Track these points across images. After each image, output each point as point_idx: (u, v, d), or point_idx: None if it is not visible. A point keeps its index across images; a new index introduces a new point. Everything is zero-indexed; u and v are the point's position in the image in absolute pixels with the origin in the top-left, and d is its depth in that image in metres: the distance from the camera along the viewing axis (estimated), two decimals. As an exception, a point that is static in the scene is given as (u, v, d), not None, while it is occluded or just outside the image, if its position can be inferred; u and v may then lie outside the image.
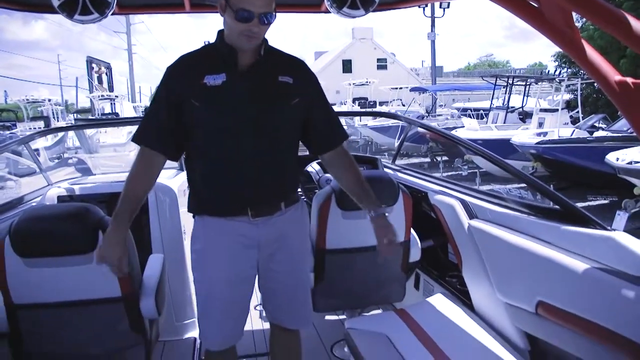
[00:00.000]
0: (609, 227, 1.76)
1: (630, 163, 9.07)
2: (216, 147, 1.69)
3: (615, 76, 1.29)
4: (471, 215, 2.34)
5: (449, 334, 2.02)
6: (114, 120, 12.57)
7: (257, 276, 1.87)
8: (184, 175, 3.48)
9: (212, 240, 1.77)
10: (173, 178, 3.21)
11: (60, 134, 15.06)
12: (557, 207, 1.95)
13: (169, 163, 3.95)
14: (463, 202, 2.43)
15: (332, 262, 2.13)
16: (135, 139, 1.75)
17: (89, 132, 13.56)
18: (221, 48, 1.70)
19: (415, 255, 2.55)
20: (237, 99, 1.66)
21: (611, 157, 9.58)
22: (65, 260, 1.91)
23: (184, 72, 1.71)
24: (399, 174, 3.16)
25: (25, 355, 2.00)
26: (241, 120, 1.67)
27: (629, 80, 1.28)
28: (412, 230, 2.53)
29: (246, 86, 1.67)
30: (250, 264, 1.81)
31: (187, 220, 3.20)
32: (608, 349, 1.56)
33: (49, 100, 22.75)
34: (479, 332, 2.03)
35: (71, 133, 14.70)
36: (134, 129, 1.82)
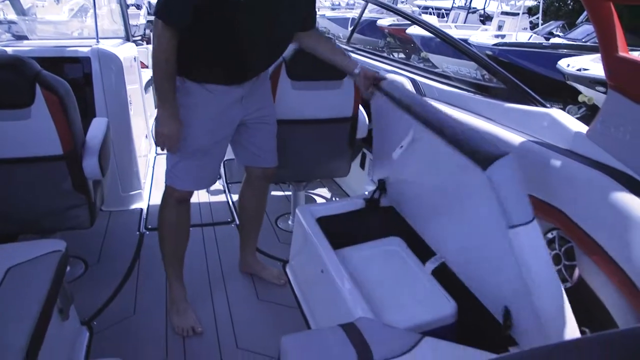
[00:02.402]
0: (548, 105, 1.83)
1: (579, 70, 9.31)
2: (237, 35, 1.73)
3: None
4: (420, 93, 2.37)
5: None
6: None
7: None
8: (130, 46, 3.31)
9: (204, 97, 1.83)
10: (118, 47, 3.03)
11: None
12: (502, 85, 1.99)
13: (114, 33, 3.70)
14: (413, 81, 2.44)
15: (280, 132, 2.13)
16: (164, 18, 1.62)
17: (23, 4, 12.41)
18: None
19: (362, 132, 2.58)
20: (272, 5, 1.72)
21: (562, 63, 9.81)
22: (3, 114, 1.82)
23: None
24: (353, 55, 3.11)
25: None
26: (266, 21, 1.73)
27: None
28: (361, 107, 2.54)
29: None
30: (233, 122, 1.96)
31: (132, 92, 3.08)
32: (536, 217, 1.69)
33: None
34: None
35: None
36: (76, 6, 1.68)
